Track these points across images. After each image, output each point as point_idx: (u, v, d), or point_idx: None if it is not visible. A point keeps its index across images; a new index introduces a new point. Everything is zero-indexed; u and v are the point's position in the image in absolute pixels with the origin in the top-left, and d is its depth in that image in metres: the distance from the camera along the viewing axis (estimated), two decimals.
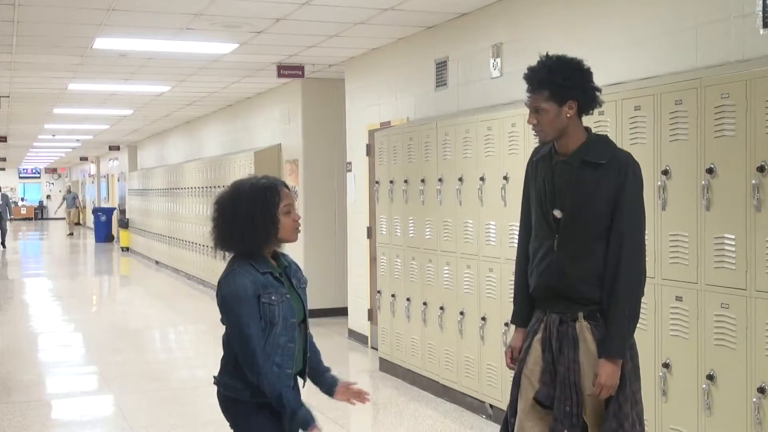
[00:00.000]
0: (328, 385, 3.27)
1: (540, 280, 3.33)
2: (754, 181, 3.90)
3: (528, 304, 3.45)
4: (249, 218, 3.05)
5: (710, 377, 4.16)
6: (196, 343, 10.11)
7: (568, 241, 3.25)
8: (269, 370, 3.01)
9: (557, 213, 3.28)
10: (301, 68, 9.83)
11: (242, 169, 12.17)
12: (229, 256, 3.17)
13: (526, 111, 3.41)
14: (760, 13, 4.30)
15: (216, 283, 3.17)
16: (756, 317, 3.92)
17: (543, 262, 3.32)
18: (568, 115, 3.25)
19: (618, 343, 3.19)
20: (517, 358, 3.45)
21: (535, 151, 3.51)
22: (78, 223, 35.42)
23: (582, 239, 3.23)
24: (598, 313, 3.23)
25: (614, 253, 3.19)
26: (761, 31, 4.31)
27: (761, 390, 3.88)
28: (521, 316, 3.49)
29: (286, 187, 3.18)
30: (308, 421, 3.01)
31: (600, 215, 3.21)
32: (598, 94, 3.32)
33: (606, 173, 3.22)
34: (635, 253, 3.21)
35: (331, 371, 3.32)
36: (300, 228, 3.19)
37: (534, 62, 3.36)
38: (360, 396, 3.25)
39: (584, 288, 3.23)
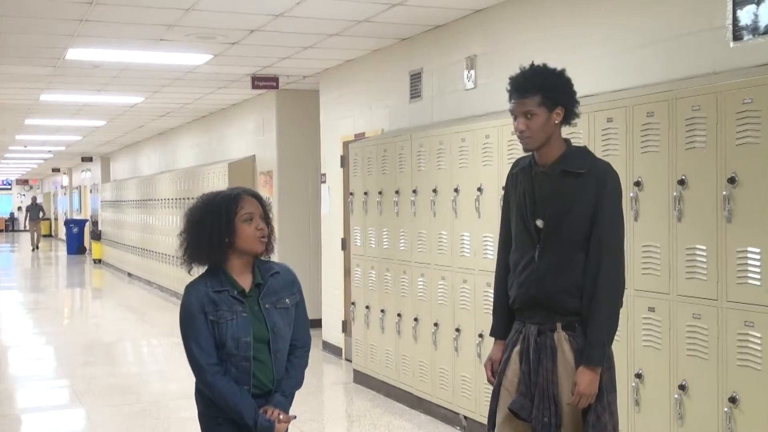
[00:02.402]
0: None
1: (520, 290, 3.33)
2: (724, 193, 3.94)
3: (507, 317, 3.46)
4: (205, 228, 3.02)
5: (682, 387, 4.18)
6: (169, 356, 10.02)
7: (550, 250, 3.26)
8: (221, 385, 2.97)
9: (539, 223, 3.29)
10: (275, 79, 9.82)
11: (216, 181, 12.12)
12: (200, 270, 3.14)
13: (501, 122, 3.43)
14: (730, 26, 4.36)
15: None
16: (727, 327, 3.96)
17: (524, 272, 3.32)
18: (556, 122, 3.27)
19: (597, 351, 3.20)
20: (497, 371, 3.45)
21: (516, 164, 3.51)
22: (49, 235, 35.01)
23: (563, 249, 3.25)
24: (577, 324, 3.24)
25: (594, 263, 3.21)
26: (731, 45, 4.36)
27: (732, 400, 3.91)
28: (500, 329, 3.49)
29: (255, 197, 3.11)
30: (269, 427, 3.01)
31: (580, 225, 3.23)
32: (578, 103, 3.35)
33: (585, 183, 3.24)
34: (614, 262, 3.22)
35: (282, 394, 3.14)
36: (265, 237, 3.08)
37: (508, 74, 3.37)
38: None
39: (564, 298, 3.24)
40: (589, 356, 3.20)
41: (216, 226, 3.02)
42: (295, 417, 3.16)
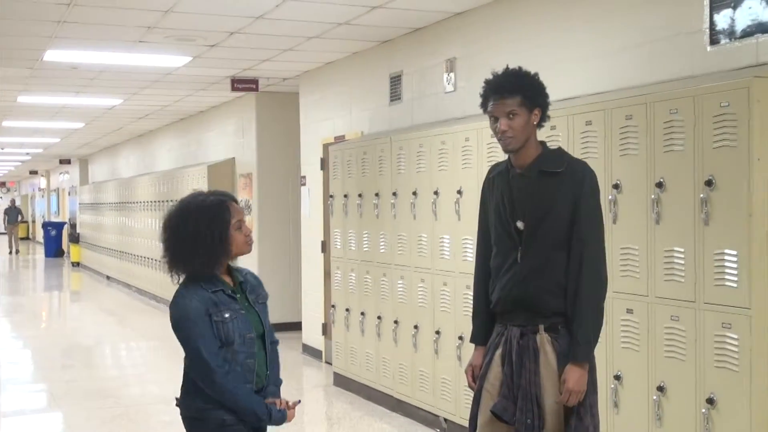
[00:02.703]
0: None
1: (503, 292, 3.34)
2: (702, 195, 3.97)
3: (487, 322, 3.46)
4: (202, 238, 3.00)
5: (660, 389, 4.20)
6: (148, 359, 9.97)
7: (532, 251, 3.27)
8: (232, 385, 2.99)
9: (519, 225, 3.30)
10: (255, 82, 9.79)
11: (195, 183, 12.08)
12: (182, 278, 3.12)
13: (480, 125, 3.44)
14: (707, 30, 4.39)
15: (169, 298, 3.13)
16: (705, 329, 3.98)
17: (507, 275, 3.33)
18: (534, 123, 3.30)
19: (583, 348, 3.21)
20: (478, 376, 3.45)
21: (492, 169, 3.53)
22: (26, 238, 34.71)
23: (545, 249, 3.26)
24: (559, 326, 3.26)
25: (576, 260, 3.22)
26: (708, 48, 4.40)
27: (710, 401, 3.93)
28: (480, 335, 3.49)
29: (235, 201, 3.15)
30: (283, 417, 3.08)
31: (560, 224, 3.24)
32: (550, 105, 3.38)
33: (563, 182, 3.26)
34: (596, 258, 3.24)
35: (275, 385, 3.23)
36: (252, 240, 3.16)
37: (487, 76, 3.38)
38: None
39: (547, 298, 3.25)
40: (575, 353, 3.21)
41: (213, 237, 3.01)
42: (299, 401, 3.22)
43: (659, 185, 4.20)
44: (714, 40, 4.35)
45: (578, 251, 3.22)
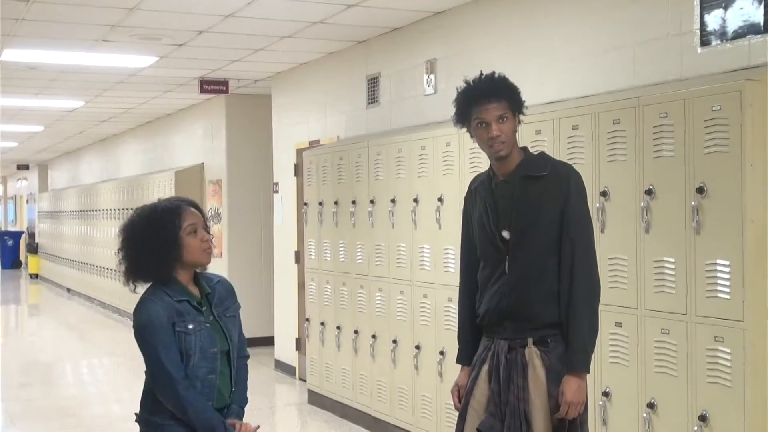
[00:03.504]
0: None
1: (490, 304, 3.34)
2: (693, 203, 3.99)
3: (473, 342, 3.47)
4: (149, 244, 3.03)
5: (651, 406, 4.22)
6: (111, 376, 9.90)
7: (520, 260, 3.28)
8: (193, 399, 2.98)
9: (505, 234, 3.30)
10: (225, 83, 9.76)
11: (162, 190, 12.02)
12: (143, 288, 3.12)
13: (462, 129, 3.42)
14: (698, 31, 4.42)
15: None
16: (696, 343, 4.00)
17: (494, 286, 3.33)
18: (516, 129, 3.32)
19: (581, 356, 3.22)
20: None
21: (473, 180, 3.54)
22: None
23: (533, 256, 3.27)
24: (549, 339, 3.26)
25: (566, 264, 3.24)
26: (699, 50, 4.43)
27: (702, 418, 3.95)
28: (467, 355, 3.49)
29: (194, 206, 3.15)
30: None
31: (548, 228, 3.25)
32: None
33: (548, 185, 3.27)
34: (587, 260, 3.26)
35: (238, 406, 3.21)
36: (212, 249, 3.15)
37: (467, 80, 3.39)
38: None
39: (538, 308, 3.26)
40: (572, 362, 3.21)
41: (161, 242, 3.03)
42: (258, 427, 3.20)
43: (649, 192, 4.22)
44: (705, 42, 4.39)
45: (568, 255, 3.24)
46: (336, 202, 7.22)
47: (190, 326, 3.02)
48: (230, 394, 3.14)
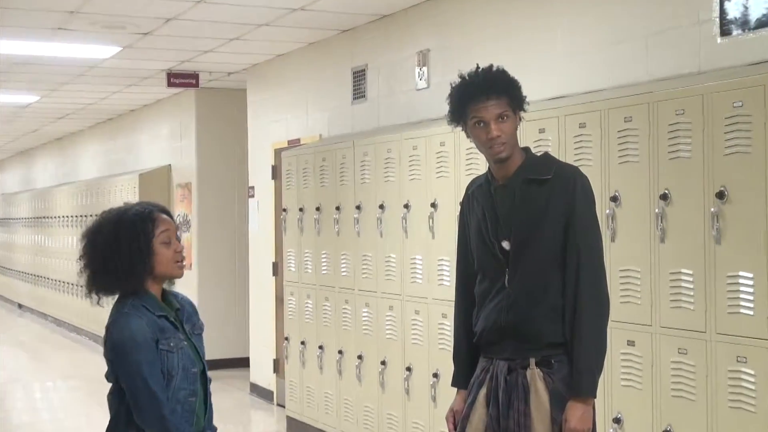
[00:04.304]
0: None
1: (488, 321, 3.34)
2: (713, 209, 4.01)
3: (470, 364, 3.47)
4: (118, 251, 3.02)
5: None
6: (67, 402, 9.85)
7: (521, 272, 3.28)
8: (178, 424, 2.99)
9: (505, 244, 3.31)
10: (195, 76, 9.76)
11: (125, 194, 11.99)
12: (107, 301, 3.11)
13: (458, 128, 3.43)
14: (717, 19, 4.44)
15: (97, 330, 3.12)
16: (717, 364, 4.01)
17: (493, 301, 3.34)
18: (517, 128, 3.33)
19: (587, 379, 3.22)
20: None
21: (470, 184, 3.54)
22: None
23: (536, 269, 3.27)
24: (553, 359, 3.26)
25: (571, 277, 3.24)
26: (719, 40, 4.45)
27: None
28: (463, 377, 3.50)
29: (166, 213, 3.16)
30: None
31: (552, 238, 3.26)
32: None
33: (552, 189, 3.28)
34: (595, 273, 3.26)
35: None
36: (185, 261, 3.17)
37: (462, 74, 3.39)
38: None
39: (541, 326, 3.26)
40: (578, 385, 3.22)
41: (134, 250, 3.03)
42: None
43: (664, 197, 4.23)
44: (725, 31, 4.41)
45: (574, 266, 3.24)
46: (318, 208, 7.22)
47: (172, 344, 3.04)
48: (205, 417, 3.16)
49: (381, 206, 6.38)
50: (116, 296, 3.13)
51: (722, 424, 3.98)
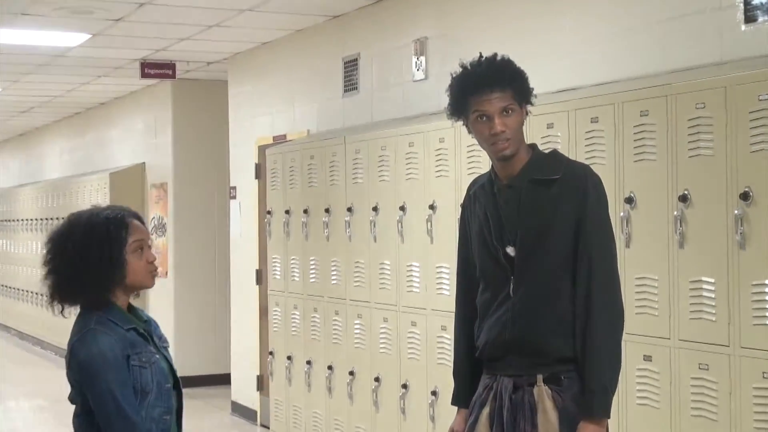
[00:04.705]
0: None
1: (491, 334, 3.34)
2: (736, 212, 4.01)
3: (472, 380, 3.47)
4: (87, 259, 3.02)
5: None
6: (32, 424, 9.84)
7: (527, 281, 3.28)
8: None
9: (510, 250, 3.31)
10: (171, 66, 9.75)
11: (95, 195, 11.98)
12: (71, 311, 3.11)
13: (458, 123, 3.43)
14: (741, 5, 4.45)
15: (63, 344, 3.11)
16: (741, 380, 4.01)
17: (496, 313, 3.33)
18: (523, 123, 3.33)
19: (600, 398, 3.21)
20: None
21: (472, 183, 3.54)
22: None
23: (543, 277, 3.27)
24: (563, 376, 3.26)
25: (583, 286, 3.23)
26: (743, 27, 4.45)
27: None
28: (464, 395, 3.49)
29: (139, 219, 3.17)
30: None
31: (561, 243, 3.26)
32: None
33: (561, 191, 3.27)
34: (608, 282, 3.26)
35: None
36: (158, 271, 3.17)
37: (464, 64, 3.39)
38: None
39: (549, 339, 3.26)
40: (589, 405, 3.21)
41: (105, 259, 3.02)
42: None
43: (683, 199, 4.24)
44: (749, 18, 4.41)
45: (585, 275, 3.24)
46: (306, 211, 7.21)
47: (144, 359, 3.04)
48: None
49: (375, 208, 6.38)
50: (78, 309, 3.12)
51: None
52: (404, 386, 6.13)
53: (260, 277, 8.90)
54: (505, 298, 3.32)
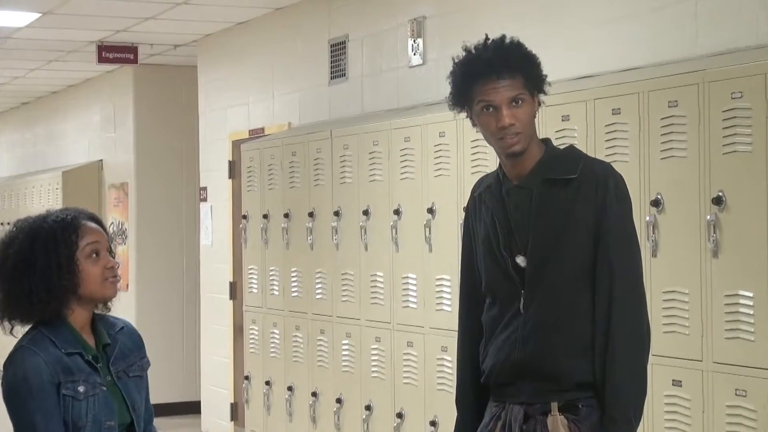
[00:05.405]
0: None
1: (499, 356, 3.33)
2: None
3: (477, 408, 3.47)
4: (33, 269, 3.01)
5: None
6: None
7: (540, 296, 3.27)
8: None
9: (520, 260, 3.31)
10: (132, 50, 9.75)
11: (45, 197, 11.97)
12: (19, 330, 3.11)
13: (461, 114, 3.43)
14: None
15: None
16: None
17: (505, 332, 3.33)
18: (535, 115, 3.33)
19: (623, 428, 3.21)
20: None
21: (478, 184, 3.53)
22: None
23: (558, 292, 3.27)
24: (581, 404, 3.26)
25: (603, 302, 3.23)
26: None
27: None
28: (468, 427, 3.49)
29: (95, 220, 3.16)
30: None
31: (578, 253, 3.25)
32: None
33: (579, 192, 3.27)
34: (632, 297, 3.25)
35: None
36: (118, 278, 3.15)
37: (467, 47, 3.40)
38: None
39: (567, 362, 3.26)
40: None
41: (52, 267, 3.01)
42: None
43: (717, 201, 4.24)
44: None
45: (606, 288, 3.24)
46: (287, 215, 7.21)
47: (81, 389, 3.00)
48: None
49: (365, 212, 6.38)
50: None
51: None
52: (399, 415, 6.13)
53: (234, 290, 8.89)
54: (514, 315, 3.32)
